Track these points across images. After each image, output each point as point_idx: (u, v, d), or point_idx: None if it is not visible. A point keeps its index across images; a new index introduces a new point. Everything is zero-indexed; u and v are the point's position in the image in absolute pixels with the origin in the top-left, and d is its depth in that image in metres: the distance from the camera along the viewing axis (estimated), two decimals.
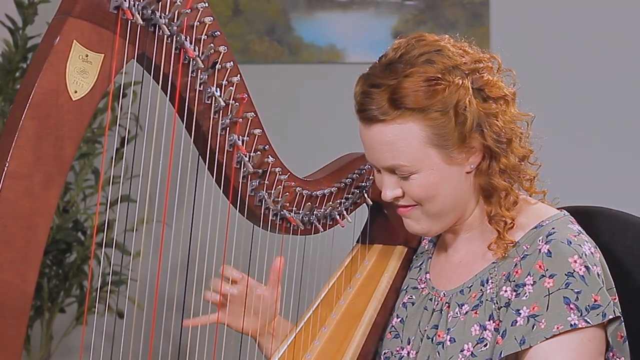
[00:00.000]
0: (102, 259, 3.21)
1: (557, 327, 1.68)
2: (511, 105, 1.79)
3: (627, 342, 1.75)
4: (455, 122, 1.73)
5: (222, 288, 1.93)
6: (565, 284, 1.70)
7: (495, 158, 1.77)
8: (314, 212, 1.93)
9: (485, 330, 1.76)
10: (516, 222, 1.79)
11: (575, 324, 1.68)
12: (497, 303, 1.76)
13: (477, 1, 3.54)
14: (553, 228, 1.77)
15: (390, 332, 1.92)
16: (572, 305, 1.69)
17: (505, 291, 1.75)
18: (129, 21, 1.59)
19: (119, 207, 2.82)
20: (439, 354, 1.79)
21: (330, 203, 1.95)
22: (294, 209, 1.90)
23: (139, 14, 1.60)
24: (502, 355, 1.71)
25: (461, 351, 1.77)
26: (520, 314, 1.71)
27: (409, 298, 1.92)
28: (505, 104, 1.78)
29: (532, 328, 1.69)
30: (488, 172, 1.78)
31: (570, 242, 1.74)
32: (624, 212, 1.94)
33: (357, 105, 1.78)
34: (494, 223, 1.80)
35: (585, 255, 1.73)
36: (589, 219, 1.88)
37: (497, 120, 1.76)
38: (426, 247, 1.99)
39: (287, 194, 1.88)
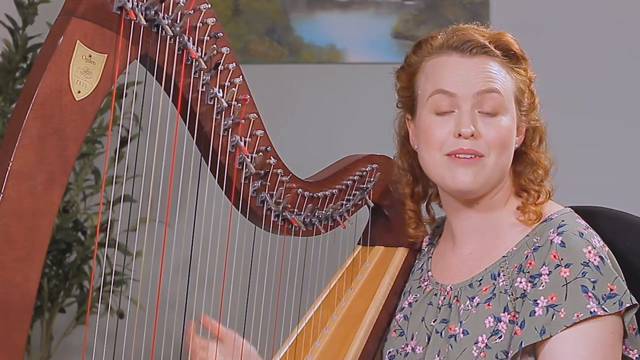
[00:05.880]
0: (103, 259, 3.21)
1: (577, 315, 1.69)
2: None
3: (639, 334, 1.76)
4: (528, 90, 1.84)
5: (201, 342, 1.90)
6: (582, 273, 1.71)
7: (541, 141, 1.87)
8: (316, 214, 1.94)
9: (500, 322, 1.76)
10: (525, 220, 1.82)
11: (594, 311, 1.69)
12: (512, 295, 1.77)
13: (477, 1, 3.54)
14: (563, 220, 1.78)
15: (395, 331, 1.92)
16: (590, 294, 1.70)
17: (520, 282, 1.76)
18: (132, 22, 1.58)
19: (121, 206, 2.82)
20: (451, 347, 1.79)
21: (332, 204, 1.95)
22: (295, 210, 1.91)
23: (142, 14, 1.59)
24: (522, 346, 1.71)
25: (475, 343, 1.77)
26: (538, 304, 1.72)
27: (413, 297, 1.93)
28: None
29: (552, 318, 1.70)
30: (538, 148, 1.87)
31: (582, 234, 1.76)
32: (625, 212, 1.94)
33: (455, 41, 1.81)
34: (523, 192, 1.84)
35: (597, 247, 1.74)
36: (591, 219, 1.88)
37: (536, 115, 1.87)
38: (425, 249, 2.00)
39: (289, 195, 1.88)
